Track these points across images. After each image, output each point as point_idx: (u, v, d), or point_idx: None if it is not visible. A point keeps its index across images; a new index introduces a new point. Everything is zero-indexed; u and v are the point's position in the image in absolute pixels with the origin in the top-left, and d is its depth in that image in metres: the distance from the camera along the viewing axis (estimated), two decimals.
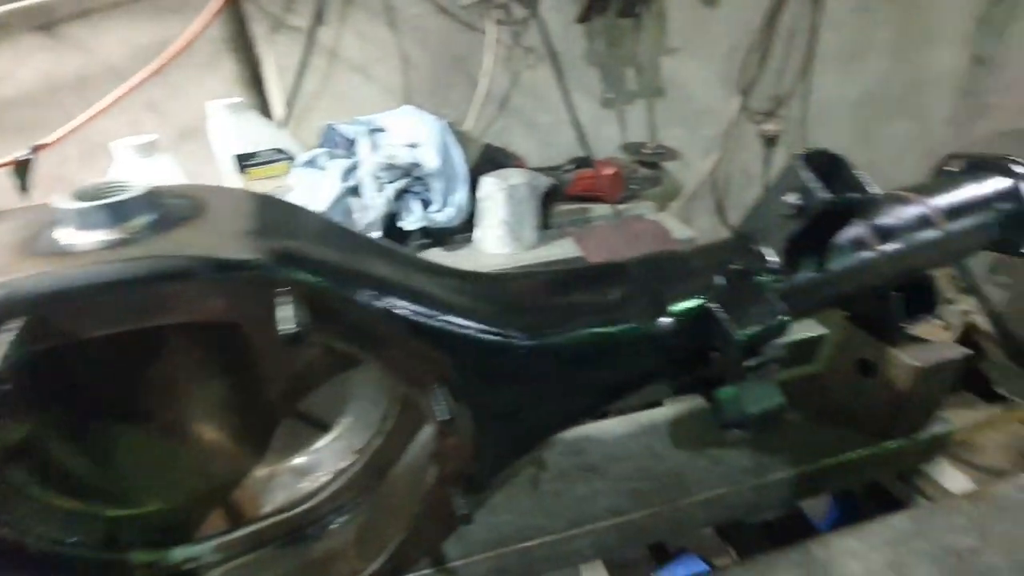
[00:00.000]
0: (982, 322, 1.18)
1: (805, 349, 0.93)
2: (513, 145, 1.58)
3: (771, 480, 0.70)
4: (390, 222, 1.32)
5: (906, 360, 0.68)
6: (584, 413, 0.58)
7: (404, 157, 1.24)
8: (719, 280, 0.57)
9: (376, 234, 1.26)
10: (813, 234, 0.58)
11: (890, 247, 0.65)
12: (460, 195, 1.28)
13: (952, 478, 0.83)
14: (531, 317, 0.48)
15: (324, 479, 0.59)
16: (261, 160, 1.31)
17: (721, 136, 1.76)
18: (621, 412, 0.81)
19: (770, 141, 1.82)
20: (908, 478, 0.79)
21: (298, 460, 0.60)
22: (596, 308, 0.51)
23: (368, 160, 1.25)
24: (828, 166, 0.58)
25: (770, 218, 0.59)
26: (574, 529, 0.63)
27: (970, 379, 1.36)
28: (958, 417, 0.95)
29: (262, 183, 1.30)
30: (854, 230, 0.65)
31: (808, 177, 0.54)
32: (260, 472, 0.59)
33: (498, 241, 1.28)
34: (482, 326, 0.45)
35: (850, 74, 1.79)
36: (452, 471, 0.48)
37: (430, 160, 1.22)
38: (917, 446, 0.75)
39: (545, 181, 1.39)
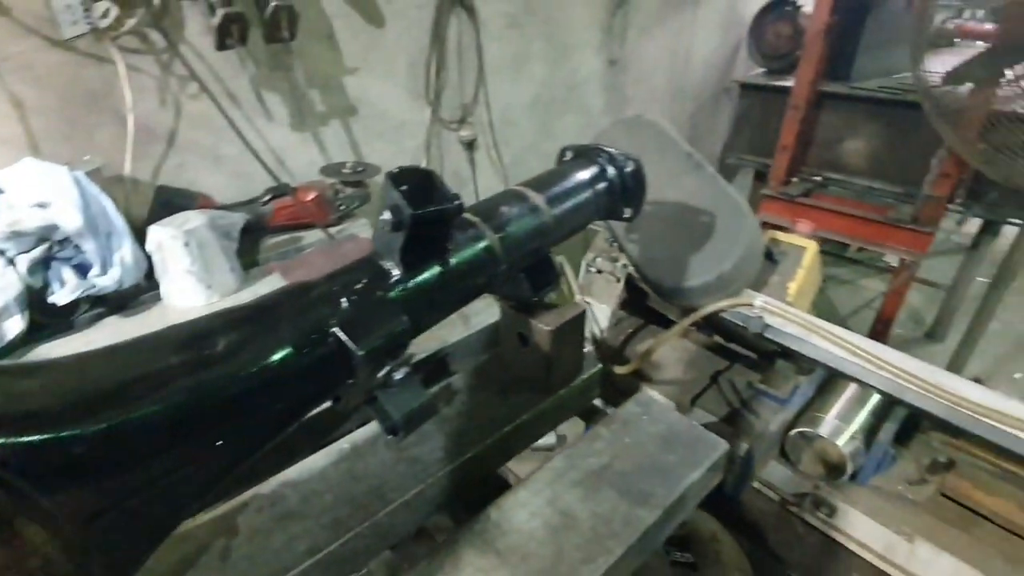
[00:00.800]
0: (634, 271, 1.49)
1: (491, 334, 1.06)
2: (198, 183, 1.44)
3: (464, 460, 0.77)
4: (39, 299, 1.08)
5: (541, 326, 0.81)
6: (230, 470, 0.56)
7: (32, 220, 1.02)
8: (344, 303, 0.60)
9: (16, 319, 1.02)
10: (425, 242, 0.65)
11: (505, 236, 0.77)
12: (125, 251, 1.11)
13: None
14: (104, 404, 0.44)
15: None
16: None
17: (423, 145, 1.87)
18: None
19: (469, 145, 2.00)
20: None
21: None
22: (193, 366, 0.49)
23: None
24: (422, 181, 0.65)
25: (386, 235, 0.64)
26: None
27: (647, 313, 1.73)
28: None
29: None
30: (472, 230, 0.75)
31: (395, 196, 0.60)
32: None
33: (187, 293, 1.15)
34: (35, 437, 0.39)
35: (519, 81, 2.07)
36: None
37: (68, 219, 1.03)
38: (577, 389, 0.90)
39: (237, 217, 1.30)
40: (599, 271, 1.57)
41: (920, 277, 3.26)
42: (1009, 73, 1.66)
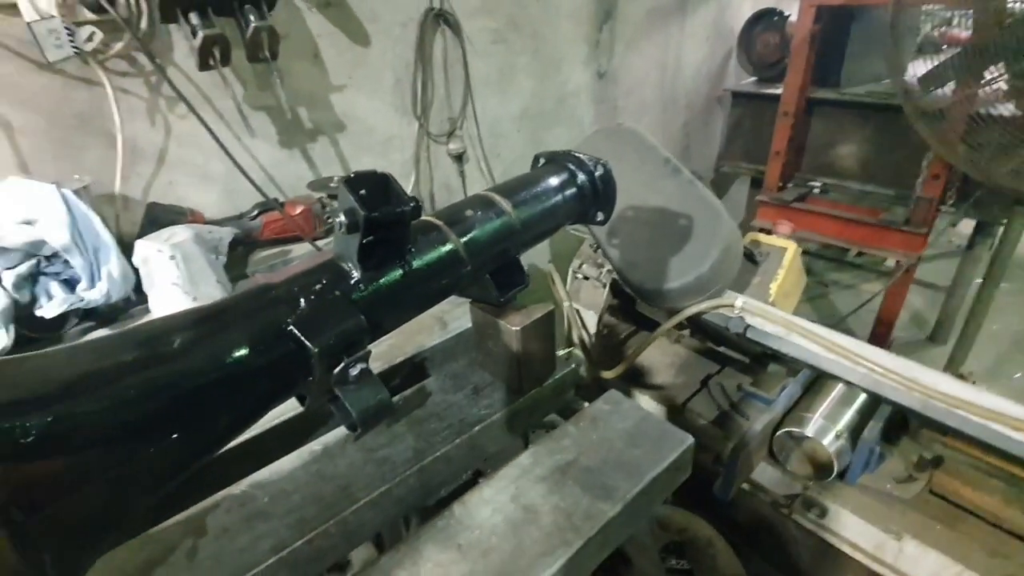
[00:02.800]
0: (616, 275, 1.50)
1: (468, 338, 1.07)
2: (189, 200, 1.47)
3: (430, 460, 0.77)
4: (27, 313, 1.11)
5: (509, 326, 0.82)
6: (186, 466, 0.57)
7: (18, 237, 1.05)
8: (302, 302, 0.61)
9: (0, 333, 1.04)
10: (383, 244, 0.67)
11: (470, 240, 0.78)
12: (113, 265, 1.14)
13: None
14: (54, 398, 0.45)
15: None
16: None
17: (412, 159, 1.90)
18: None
19: (458, 158, 2.03)
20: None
21: None
22: (146, 363, 0.50)
23: None
24: (378, 184, 0.67)
25: (343, 238, 0.66)
26: None
27: (637, 318, 1.73)
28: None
29: None
30: (436, 233, 0.76)
31: (348, 199, 0.62)
32: None
33: (173, 306, 1.17)
34: None
35: (506, 94, 2.11)
36: None
37: (55, 235, 1.06)
38: (550, 389, 0.90)
39: (225, 232, 1.33)
40: (585, 277, 1.59)
41: (920, 279, 3.25)
42: (987, 75, 1.67)
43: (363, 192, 0.64)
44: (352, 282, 0.65)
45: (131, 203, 1.36)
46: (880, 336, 2.69)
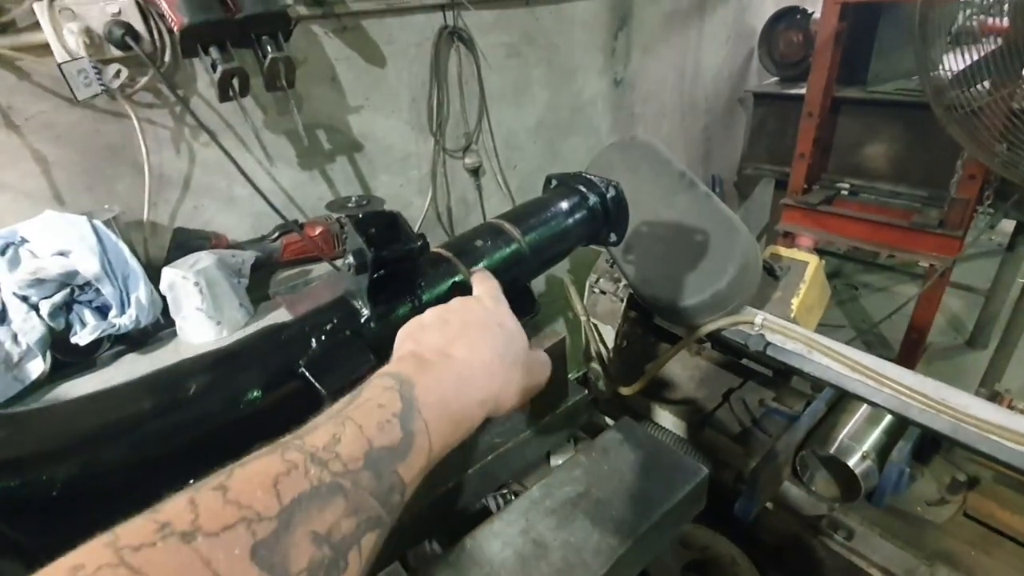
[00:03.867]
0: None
1: None
2: (214, 224, 1.52)
3: (443, 491, 0.78)
4: (63, 340, 1.17)
5: None
6: None
7: (54, 268, 1.11)
8: (313, 343, 0.63)
9: (37, 360, 1.10)
10: (392, 281, 0.68)
11: (477, 269, 0.79)
12: (142, 292, 1.18)
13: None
14: (77, 449, 0.47)
15: None
16: None
17: (429, 175, 1.93)
18: None
19: (474, 172, 2.04)
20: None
21: None
22: (164, 409, 0.52)
23: (7, 280, 1.08)
24: (387, 223, 0.68)
25: (352, 278, 0.67)
26: None
27: (657, 332, 1.71)
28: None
29: None
30: (445, 265, 0.77)
31: (357, 240, 0.63)
32: None
33: (199, 329, 1.21)
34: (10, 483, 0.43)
35: (522, 106, 2.11)
36: None
37: (86, 265, 1.11)
38: (562, 416, 0.90)
39: (247, 255, 1.36)
40: (602, 292, 1.58)
41: (956, 282, 3.12)
42: None
43: (372, 231, 0.66)
44: (363, 320, 0.66)
45: (159, 229, 1.41)
46: (914, 343, 2.60)
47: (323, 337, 0.63)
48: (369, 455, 0.34)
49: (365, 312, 0.67)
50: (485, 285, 0.60)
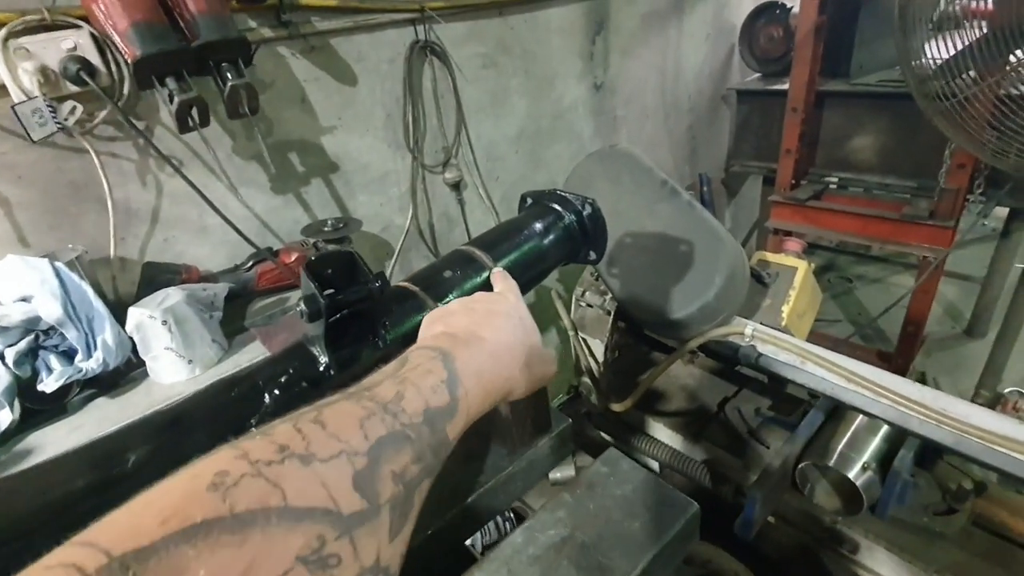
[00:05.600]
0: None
1: None
2: (187, 255, 1.48)
3: (421, 540, 0.74)
4: (30, 388, 1.12)
5: None
6: None
7: (16, 315, 1.06)
8: (267, 398, 0.59)
9: (4, 411, 1.05)
10: (351, 324, 0.64)
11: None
12: (108, 334, 1.13)
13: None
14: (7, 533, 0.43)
15: None
16: None
17: (409, 192, 1.88)
18: None
19: (455, 186, 2.00)
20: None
21: None
22: (99, 488, 0.48)
23: None
24: (343, 263, 0.64)
25: (308, 324, 0.63)
26: None
27: (648, 342, 1.67)
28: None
29: None
30: (412, 301, 0.73)
31: (308, 286, 0.59)
32: None
33: (170, 370, 1.17)
34: None
35: (501, 117, 2.08)
36: None
37: (48, 310, 1.06)
38: (546, 447, 0.86)
39: (220, 288, 1.32)
40: (589, 305, 1.54)
41: (951, 270, 3.09)
42: (1013, 59, 1.57)
43: (329, 272, 0.62)
44: (321, 368, 0.62)
45: (128, 264, 1.37)
46: (911, 336, 2.56)
47: (277, 391, 0.59)
48: (427, 412, 0.38)
49: (323, 360, 0.62)
50: (506, 283, 0.66)
